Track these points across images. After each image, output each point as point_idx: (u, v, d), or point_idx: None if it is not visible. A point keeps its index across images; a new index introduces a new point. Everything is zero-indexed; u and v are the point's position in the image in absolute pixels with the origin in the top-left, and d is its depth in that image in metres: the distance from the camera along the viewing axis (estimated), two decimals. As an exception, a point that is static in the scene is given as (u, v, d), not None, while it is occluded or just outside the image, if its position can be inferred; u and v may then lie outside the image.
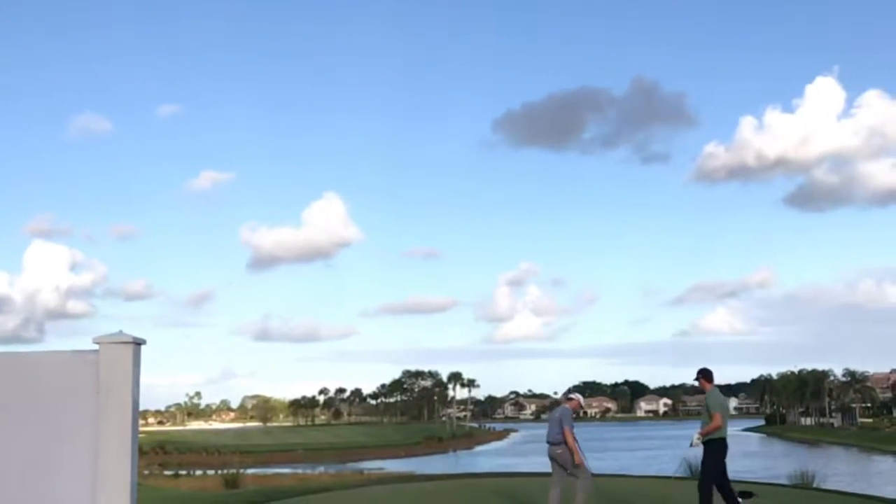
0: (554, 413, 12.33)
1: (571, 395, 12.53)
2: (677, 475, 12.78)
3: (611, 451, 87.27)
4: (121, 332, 7.23)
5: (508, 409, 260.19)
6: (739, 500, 12.03)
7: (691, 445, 12.09)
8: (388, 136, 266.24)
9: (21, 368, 7.31)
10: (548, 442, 12.07)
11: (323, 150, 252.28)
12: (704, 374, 11.91)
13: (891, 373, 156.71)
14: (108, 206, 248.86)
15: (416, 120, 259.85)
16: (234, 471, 31.17)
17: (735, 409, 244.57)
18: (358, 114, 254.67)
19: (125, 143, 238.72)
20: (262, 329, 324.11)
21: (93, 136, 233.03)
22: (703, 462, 11.75)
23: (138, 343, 7.26)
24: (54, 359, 7.32)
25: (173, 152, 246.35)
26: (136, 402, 7.20)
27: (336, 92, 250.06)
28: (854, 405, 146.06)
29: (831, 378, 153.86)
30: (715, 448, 11.63)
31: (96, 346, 7.19)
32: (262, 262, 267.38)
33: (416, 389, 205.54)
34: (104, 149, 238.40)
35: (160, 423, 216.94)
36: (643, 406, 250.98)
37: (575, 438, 11.76)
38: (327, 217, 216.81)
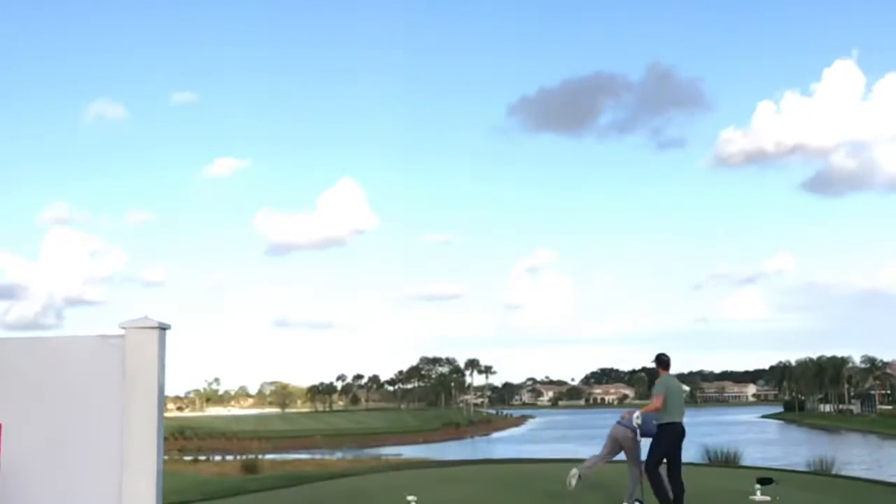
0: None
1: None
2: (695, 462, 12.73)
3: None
4: (146, 316, 7.26)
5: (526, 396, 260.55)
6: (761, 488, 11.97)
7: (635, 422, 12.04)
8: (404, 121, 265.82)
9: (47, 353, 7.36)
10: (623, 424, 12.31)
11: (338, 137, 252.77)
12: (659, 361, 11.92)
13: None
14: (124, 193, 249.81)
15: (431, 106, 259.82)
16: (252, 456, 31.54)
17: (753, 395, 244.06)
18: (373, 99, 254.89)
19: (140, 130, 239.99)
20: (279, 315, 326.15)
21: (108, 123, 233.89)
22: (651, 445, 11.79)
23: (163, 328, 7.30)
24: (80, 343, 7.35)
25: (188, 139, 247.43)
26: (161, 388, 7.24)
27: (351, 77, 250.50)
28: (873, 392, 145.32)
29: (850, 364, 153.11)
30: (662, 433, 11.63)
31: (122, 331, 7.25)
32: (279, 248, 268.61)
33: (434, 376, 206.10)
34: (119, 136, 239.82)
35: (179, 408, 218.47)
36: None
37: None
38: (343, 203, 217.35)
